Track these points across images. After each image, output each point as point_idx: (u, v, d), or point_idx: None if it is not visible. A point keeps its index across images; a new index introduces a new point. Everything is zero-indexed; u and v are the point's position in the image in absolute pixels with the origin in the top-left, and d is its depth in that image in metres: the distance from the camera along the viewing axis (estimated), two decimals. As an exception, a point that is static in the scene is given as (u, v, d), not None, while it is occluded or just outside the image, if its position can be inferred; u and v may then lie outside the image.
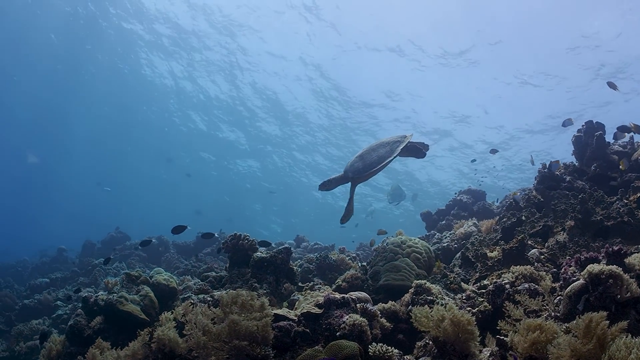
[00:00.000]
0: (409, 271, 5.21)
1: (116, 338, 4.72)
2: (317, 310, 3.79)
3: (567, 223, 5.22)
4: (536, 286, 3.65)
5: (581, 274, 3.22)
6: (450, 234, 7.71)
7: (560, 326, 2.95)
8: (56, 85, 23.37)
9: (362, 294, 4.35)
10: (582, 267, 3.48)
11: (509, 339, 2.88)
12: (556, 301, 3.41)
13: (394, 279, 5.12)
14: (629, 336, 2.37)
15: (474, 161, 15.67)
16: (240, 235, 5.86)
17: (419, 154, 5.26)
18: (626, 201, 4.94)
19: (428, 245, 5.86)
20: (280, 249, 5.70)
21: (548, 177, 6.37)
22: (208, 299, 5.00)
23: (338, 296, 3.92)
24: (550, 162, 6.31)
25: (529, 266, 3.99)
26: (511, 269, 4.03)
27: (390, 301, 4.38)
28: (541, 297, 3.45)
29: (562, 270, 3.80)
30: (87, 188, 37.45)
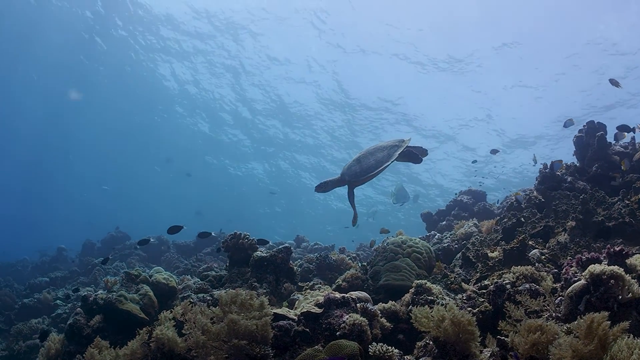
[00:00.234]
0: (410, 271, 5.19)
1: (115, 337, 4.70)
2: (317, 310, 3.77)
3: (568, 223, 5.20)
4: (537, 286, 3.63)
5: (582, 274, 3.21)
6: (450, 235, 7.69)
7: (561, 327, 2.93)
8: (61, 88, 23.52)
9: (363, 294, 4.34)
10: (583, 267, 3.47)
11: (509, 340, 2.86)
12: (557, 302, 3.39)
13: (394, 278, 5.10)
14: (630, 337, 2.35)
15: (475, 162, 15.71)
16: (240, 234, 5.85)
17: (415, 159, 5.24)
18: (627, 202, 4.92)
19: (428, 245, 5.85)
20: (280, 248, 5.68)
21: (549, 178, 6.35)
22: (207, 298, 4.99)
23: (338, 296, 3.90)
24: (552, 162, 6.28)
25: (529, 266, 3.97)
26: (512, 269, 4.01)
27: (390, 301, 4.36)
28: (542, 297, 3.43)
29: (563, 271, 3.78)
30: (89, 188, 37.53)
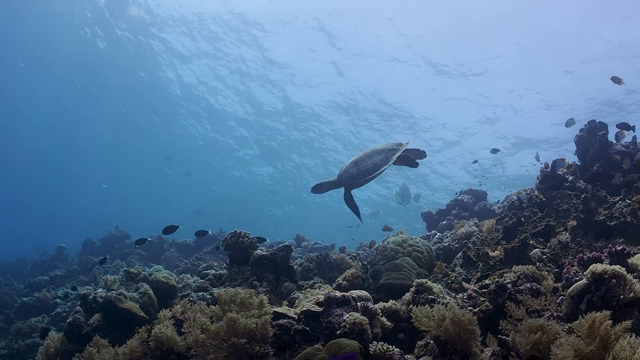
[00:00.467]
0: (410, 270, 5.18)
1: (114, 335, 4.68)
2: (317, 309, 3.75)
3: (570, 223, 5.18)
4: (538, 286, 3.61)
5: (584, 273, 3.19)
6: (451, 234, 7.67)
7: (563, 326, 2.92)
8: (68, 90, 23.64)
9: (363, 293, 4.32)
10: (584, 267, 3.45)
11: (510, 339, 2.84)
12: (558, 301, 3.37)
13: (394, 277, 5.09)
14: (632, 336, 2.33)
15: (476, 162, 15.73)
16: (240, 232, 5.84)
17: (412, 164, 5.24)
18: (629, 201, 4.90)
19: (429, 245, 5.83)
20: (280, 246, 5.66)
21: (550, 177, 6.33)
22: (207, 296, 4.98)
23: (338, 294, 3.88)
24: (554, 161, 6.25)
25: (531, 266, 3.95)
26: (513, 268, 3.99)
27: (391, 300, 4.34)
28: (543, 297, 3.41)
29: (565, 270, 3.76)
30: (89, 188, 37.58)
